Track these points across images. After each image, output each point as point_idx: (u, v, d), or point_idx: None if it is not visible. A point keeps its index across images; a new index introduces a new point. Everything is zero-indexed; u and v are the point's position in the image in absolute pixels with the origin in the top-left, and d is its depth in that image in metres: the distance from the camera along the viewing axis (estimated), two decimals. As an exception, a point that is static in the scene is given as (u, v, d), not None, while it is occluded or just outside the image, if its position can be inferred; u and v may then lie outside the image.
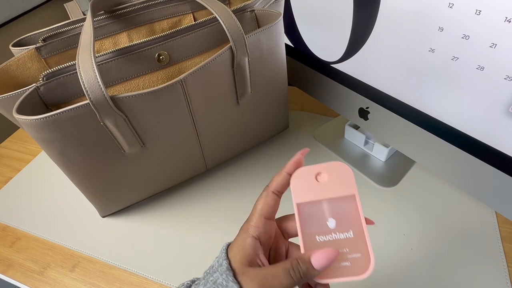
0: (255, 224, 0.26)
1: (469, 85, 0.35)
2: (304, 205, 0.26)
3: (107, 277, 0.49)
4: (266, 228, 0.27)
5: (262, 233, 0.26)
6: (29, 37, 0.47)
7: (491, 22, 0.30)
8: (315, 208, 0.26)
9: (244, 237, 0.26)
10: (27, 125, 0.37)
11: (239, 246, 0.26)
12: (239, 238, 0.27)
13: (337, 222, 0.26)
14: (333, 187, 0.26)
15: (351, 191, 0.26)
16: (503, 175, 0.36)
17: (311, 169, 0.27)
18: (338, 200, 0.26)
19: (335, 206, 0.26)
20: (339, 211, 0.26)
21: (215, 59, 0.43)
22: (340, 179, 0.26)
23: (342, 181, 0.26)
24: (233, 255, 0.25)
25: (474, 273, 0.43)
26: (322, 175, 0.27)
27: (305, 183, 0.27)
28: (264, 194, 0.28)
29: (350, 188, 0.26)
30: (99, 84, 0.36)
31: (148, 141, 0.46)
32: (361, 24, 0.43)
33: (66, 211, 0.58)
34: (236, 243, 0.26)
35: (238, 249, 0.26)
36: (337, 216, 0.26)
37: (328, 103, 0.58)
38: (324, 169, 0.27)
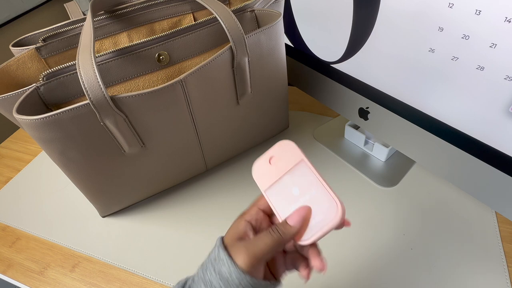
0: (249, 212, 0.30)
1: (469, 85, 0.35)
2: (269, 189, 0.29)
3: (107, 277, 0.49)
4: (259, 216, 0.29)
5: (254, 219, 0.29)
6: (29, 37, 0.47)
7: (491, 22, 0.30)
8: (279, 187, 0.29)
9: (238, 221, 0.29)
10: (27, 125, 0.37)
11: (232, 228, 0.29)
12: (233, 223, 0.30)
13: (299, 188, 0.28)
14: (284, 163, 0.29)
15: (298, 158, 0.28)
16: (503, 175, 0.36)
17: (263, 157, 0.30)
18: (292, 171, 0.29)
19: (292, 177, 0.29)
20: (297, 179, 0.28)
21: (215, 59, 0.43)
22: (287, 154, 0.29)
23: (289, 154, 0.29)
24: (226, 236, 0.29)
25: (474, 273, 0.43)
26: (273, 158, 0.30)
27: (263, 171, 0.30)
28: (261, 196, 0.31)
29: (296, 156, 0.29)
30: (99, 84, 0.36)
31: (148, 141, 0.46)
32: (361, 24, 0.43)
33: (66, 211, 0.58)
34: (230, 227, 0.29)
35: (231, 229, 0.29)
36: (298, 183, 0.28)
37: (328, 103, 0.58)
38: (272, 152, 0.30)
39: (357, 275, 0.44)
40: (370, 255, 0.46)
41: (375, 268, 0.45)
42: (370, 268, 0.45)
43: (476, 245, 0.45)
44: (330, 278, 0.44)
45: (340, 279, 0.44)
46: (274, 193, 0.29)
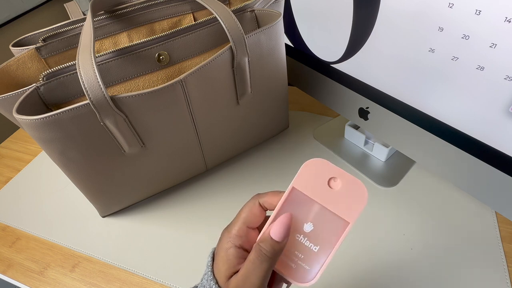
0: (237, 233, 0.25)
1: (469, 85, 0.35)
2: (298, 193, 0.25)
3: (107, 277, 0.49)
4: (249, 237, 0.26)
5: (245, 242, 0.25)
6: (29, 37, 0.47)
7: (491, 22, 0.30)
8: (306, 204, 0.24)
9: (226, 247, 0.25)
10: (27, 125, 0.37)
11: (222, 258, 0.25)
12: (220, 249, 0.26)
13: (313, 230, 0.24)
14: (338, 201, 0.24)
15: (350, 218, 0.24)
16: (503, 175, 0.36)
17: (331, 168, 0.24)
18: (331, 215, 0.24)
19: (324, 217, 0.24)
20: (323, 224, 0.24)
21: (215, 59, 0.43)
22: (350, 199, 0.24)
23: (350, 202, 0.24)
24: (218, 269, 0.25)
25: (474, 273, 0.43)
26: (337, 181, 0.24)
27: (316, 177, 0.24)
28: (251, 203, 0.26)
29: (352, 214, 0.24)
30: (99, 84, 0.36)
31: (148, 141, 0.46)
32: (361, 24, 0.43)
33: (66, 211, 0.58)
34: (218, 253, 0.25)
35: (222, 262, 0.25)
36: (317, 226, 0.24)
37: (328, 103, 0.58)
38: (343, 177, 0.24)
39: (357, 275, 0.44)
40: (370, 255, 0.46)
41: (375, 268, 0.45)
42: (370, 268, 0.45)
43: (476, 245, 0.45)
44: (330, 278, 0.44)
45: (340, 279, 0.44)
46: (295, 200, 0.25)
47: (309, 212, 0.24)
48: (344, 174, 0.24)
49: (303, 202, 0.24)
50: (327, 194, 0.24)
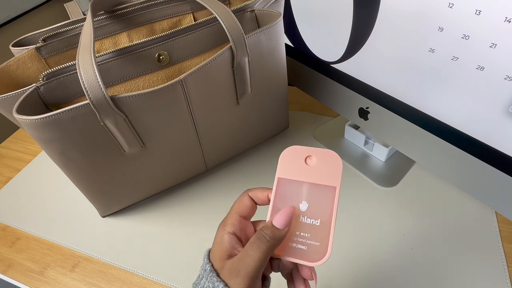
0: (231, 222, 0.27)
1: (469, 85, 0.35)
2: (284, 181, 0.27)
3: (107, 277, 0.49)
4: (242, 225, 0.27)
5: (237, 229, 0.27)
6: (29, 37, 0.47)
7: (491, 22, 0.30)
8: (294, 187, 0.26)
9: (221, 234, 0.26)
10: (27, 125, 0.37)
11: (217, 244, 0.26)
12: (216, 237, 0.27)
13: (309, 206, 0.26)
14: (319, 174, 0.26)
15: (334, 182, 0.25)
16: (503, 175, 0.36)
17: (303, 149, 0.27)
18: (318, 187, 0.26)
19: (313, 192, 0.26)
20: (315, 198, 0.26)
21: (215, 59, 0.43)
22: (328, 168, 0.26)
23: (329, 170, 0.26)
24: (213, 255, 0.26)
25: (474, 273, 0.43)
26: (312, 158, 0.26)
27: (293, 161, 0.27)
28: (242, 196, 0.29)
29: (334, 179, 0.25)
30: (99, 84, 0.36)
31: (148, 141, 0.46)
32: (361, 24, 0.43)
33: (66, 211, 0.58)
34: (215, 242, 0.27)
35: (217, 246, 0.26)
36: (311, 202, 0.26)
37: (328, 103, 0.58)
38: (315, 153, 0.26)
39: (357, 275, 0.44)
40: (369, 255, 0.46)
41: (374, 268, 0.45)
42: (370, 268, 0.45)
43: (476, 245, 0.45)
44: (330, 278, 0.44)
45: (339, 279, 0.44)
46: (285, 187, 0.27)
47: (300, 193, 0.26)
48: (315, 150, 0.26)
49: (291, 187, 0.26)
50: (308, 172, 0.26)
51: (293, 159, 0.27)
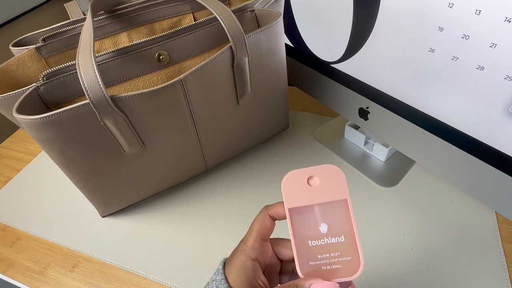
0: (253, 246, 0.26)
1: (469, 85, 0.35)
2: (296, 210, 0.26)
3: (107, 277, 0.49)
4: (263, 249, 0.27)
5: (259, 254, 0.26)
6: (29, 37, 0.47)
7: (491, 22, 0.30)
8: (307, 213, 0.26)
9: (242, 259, 0.26)
10: (27, 125, 0.37)
11: (239, 269, 0.26)
12: (237, 260, 0.26)
13: (329, 226, 0.26)
14: (325, 192, 0.26)
15: (343, 195, 0.25)
16: (503, 175, 0.36)
17: (303, 172, 0.26)
18: (330, 204, 0.26)
19: (327, 211, 0.26)
20: (331, 216, 0.26)
21: (215, 59, 0.43)
22: (332, 183, 0.26)
23: (334, 185, 0.26)
24: (234, 279, 0.26)
25: (474, 273, 0.43)
26: (314, 178, 0.26)
27: (297, 187, 0.26)
28: (262, 216, 0.28)
29: (342, 192, 0.25)
30: (99, 84, 0.36)
31: (148, 141, 0.46)
32: (361, 24, 0.43)
33: (66, 211, 0.58)
34: (235, 265, 0.26)
35: (239, 272, 0.25)
36: (329, 221, 0.26)
37: (328, 103, 0.58)
38: (316, 172, 0.26)
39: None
40: (369, 255, 0.46)
41: (374, 268, 0.45)
42: (370, 268, 0.45)
43: (476, 245, 0.45)
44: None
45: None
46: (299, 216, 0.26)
47: (315, 217, 0.26)
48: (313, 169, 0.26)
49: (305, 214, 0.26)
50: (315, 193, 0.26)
51: (295, 184, 0.26)
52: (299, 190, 0.26)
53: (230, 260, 0.27)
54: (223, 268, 0.27)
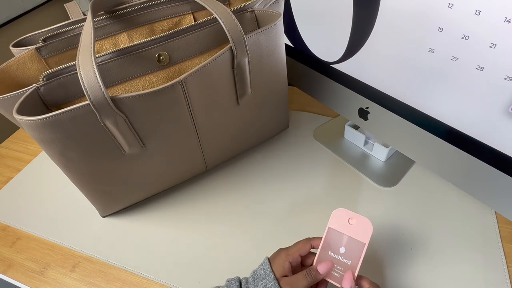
0: (292, 257, 0.39)
1: (468, 85, 0.35)
2: (332, 230, 0.39)
3: (107, 277, 0.49)
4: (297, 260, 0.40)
5: (294, 261, 0.39)
6: (29, 37, 0.47)
7: (491, 22, 0.30)
8: (338, 236, 0.38)
9: (284, 260, 0.39)
10: (27, 125, 0.37)
11: (280, 266, 0.38)
12: (279, 259, 0.39)
13: (345, 251, 0.37)
14: (356, 231, 0.38)
15: (364, 240, 0.37)
16: (503, 175, 0.37)
17: (349, 213, 0.39)
18: (354, 240, 0.37)
19: (350, 242, 0.38)
20: (350, 246, 0.37)
21: (215, 60, 0.43)
22: (362, 229, 0.37)
23: (363, 232, 0.37)
24: (276, 269, 0.38)
25: (474, 273, 0.43)
26: (353, 220, 0.38)
27: (339, 218, 0.39)
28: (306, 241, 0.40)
29: (365, 237, 0.37)
30: (99, 85, 0.36)
31: (148, 142, 0.46)
32: (361, 24, 0.43)
33: (66, 211, 0.58)
34: (278, 261, 0.39)
35: (279, 267, 0.38)
36: (348, 248, 0.38)
37: (328, 103, 0.58)
38: (356, 217, 0.38)
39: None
40: (369, 255, 0.46)
41: (374, 268, 0.45)
42: (370, 268, 0.45)
43: (476, 245, 0.45)
44: (330, 278, 0.44)
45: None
46: (331, 234, 0.39)
47: (341, 240, 0.38)
48: (356, 215, 0.38)
49: (336, 235, 0.38)
50: (349, 228, 0.38)
51: (340, 217, 0.39)
52: (340, 220, 0.39)
53: (274, 258, 0.40)
54: (268, 260, 0.39)
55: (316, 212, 0.52)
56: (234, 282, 0.39)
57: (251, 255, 0.48)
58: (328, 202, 0.53)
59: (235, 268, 0.47)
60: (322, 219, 0.51)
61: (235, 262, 0.48)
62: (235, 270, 0.46)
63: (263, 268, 0.39)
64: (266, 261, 0.39)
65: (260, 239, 0.50)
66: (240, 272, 0.42)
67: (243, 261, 0.48)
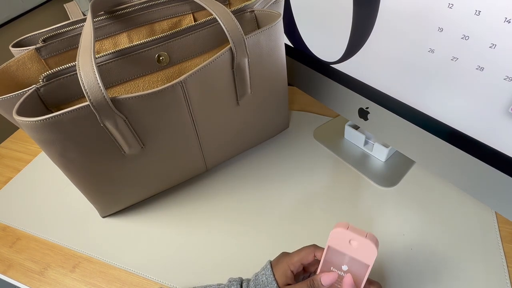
0: (294, 266, 0.38)
1: (468, 85, 0.35)
2: (331, 249, 0.36)
3: (107, 277, 0.49)
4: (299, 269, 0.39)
5: (295, 270, 0.38)
6: (29, 38, 0.47)
7: (491, 22, 0.30)
8: (339, 255, 0.36)
9: (286, 268, 0.38)
10: (27, 126, 0.37)
11: (282, 273, 0.38)
12: (281, 266, 0.38)
13: (348, 269, 0.36)
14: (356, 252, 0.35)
15: (368, 262, 0.34)
16: (503, 175, 0.36)
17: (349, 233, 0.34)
18: (355, 259, 0.35)
19: (353, 261, 0.35)
20: (353, 265, 0.35)
21: (215, 60, 0.43)
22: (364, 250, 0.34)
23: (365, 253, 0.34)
24: (278, 277, 0.38)
25: (474, 273, 0.43)
26: (353, 242, 0.34)
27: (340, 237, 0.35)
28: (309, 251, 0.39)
29: (369, 260, 0.34)
30: (99, 86, 0.36)
31: (148, 142, 0.46)
32: (361, 24, 0.43)
33: (66, 211, 0.59)
34: (281, 268, 0.38)
35: (282, 275, 0.38)
36: (350, 267, 0.36)
37: (328, 103, 0.58)
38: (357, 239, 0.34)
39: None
40: (370, 255, 0.46)
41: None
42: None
43: (476, 245, 0.45)
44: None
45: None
46: (332, 253, 0.36)
47: (343, 259, 0.36)
48: (356, 237, 0.34)
49: (338, 253, 0.36)
50: (350, 249, 0.35)
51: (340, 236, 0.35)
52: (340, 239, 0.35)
53: (277, 264, 0.39)
54: (270, 266, 0.39)
55: (316, 212, 0.52)
56: (236, 283, 0.39)
57: (251, 255, 0.48)
58: (328, 203, 0.53)
59: (235, 268, 0.47)
60: (322, 219, 0.51)
61: (235, 262, 0.48)
62: (235, 270, 0.46)
63: (265, 274, 0.38)
64: (269, 267, 0.39)
65: (260, 239, 0.50)
66: (240, 272, 0.42)
67: (243, 261, 0.48)
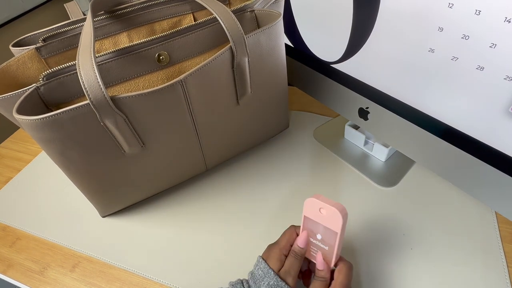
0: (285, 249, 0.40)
1: (468, 85, 0.35)
2: (307, 219, 0.39)
3: (107, 277, 0.49)
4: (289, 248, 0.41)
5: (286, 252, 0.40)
6: (29, 37, 0.47)
7: (491, 22, 0.30)
8: (314, 224, 0.39)
9: (279, 254, 0.40)
10: (27, 125, 0.37)
11: (277, 260, 0.39)
12: (274, 255, 0.39)
13: (322, 237, 0.39)
14: (327, 220, 0.38)
15: (336, 230, 0.37)
16: (503, 175, 0.36)
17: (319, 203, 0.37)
18: (327, 227, 0.38)
19: (325, 230, 0.38)
20: (325, 234, 0.38)
21: (215, 60, 0.43)
22: (333, 219, 0.37)
23: (334, 220, 0.37)
24: (273, 265, 0.39)
25: (474, 273, 0.43)
26: (322, 210, 0.38)
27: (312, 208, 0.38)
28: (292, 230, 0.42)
29: (337, 227, 0.37)
30: (99, 85, 0.36)
31: (148, 141, 0.46)
32: (361, 24, 0.43)
33: (66, 211, 0.58)
34: (273, 257, 0.39)
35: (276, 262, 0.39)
36: (323, 235, 0.39)
37: (328, 103, 0.58)
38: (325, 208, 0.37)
39: (356, 275, 0.44)
40: (369, 255, 0.46)
41: (374, 268, 0.45)
42: (370, 268, 0.45)
43: (476, 245, 0.45)
44: (330, 278, 0.44)
45: (340, 279, 0.44)
46: (308, 222, 0.40)
47: (318, 228, 0.39)
48: (324, 205, 0.37)
49: (313, 223, 0.39)
50: (321, 217, 0.38)
51: (312, 206, 0.38)
52: (313, 210, 0.38)
53: (269, 254, 0.40)
54: (262, 259, 0.40)
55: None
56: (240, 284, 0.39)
57: (251, 254, 0.48)
58: (328, 202, 0.53)
59: (235, 268, 0.47)
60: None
61: (235, 262, 0.48)
62: (235, 270, 0.46)
63: (260, 267, 0.39)
64: (261, 260, 0.40)
65: (261, 239, 0.50)
66: (240, 272, 0.42)
67: (243, 261, 0.48)
